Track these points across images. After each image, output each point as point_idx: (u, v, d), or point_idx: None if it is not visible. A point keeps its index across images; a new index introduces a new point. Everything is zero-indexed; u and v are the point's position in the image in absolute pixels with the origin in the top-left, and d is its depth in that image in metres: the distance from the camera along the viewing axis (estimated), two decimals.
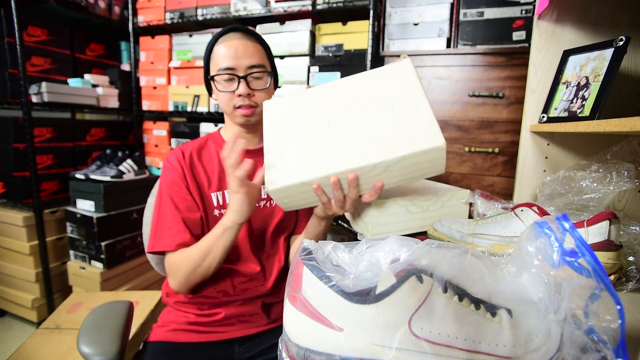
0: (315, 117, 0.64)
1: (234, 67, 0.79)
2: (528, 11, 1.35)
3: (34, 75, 1.76)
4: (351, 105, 0.63)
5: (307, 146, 0.61)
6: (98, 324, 0.73)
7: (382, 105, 0.60)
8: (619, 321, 0.32)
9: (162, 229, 0.79)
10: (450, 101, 1.43)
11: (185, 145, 0.87)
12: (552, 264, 0.36)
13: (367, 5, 1.49)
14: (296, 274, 0.39)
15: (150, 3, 1.99)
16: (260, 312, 0.86)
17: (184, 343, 0.80)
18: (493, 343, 0.35)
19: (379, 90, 0.63)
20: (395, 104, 0.59)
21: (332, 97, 0.66)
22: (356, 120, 0.61)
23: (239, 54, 0.79)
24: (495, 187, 1.42)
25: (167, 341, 0.80)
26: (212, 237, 0.73)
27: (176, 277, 0.77)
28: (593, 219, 0.60)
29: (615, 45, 0.75)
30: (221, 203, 0.84)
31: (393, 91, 0.61)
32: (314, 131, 0.62)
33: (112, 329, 0.71)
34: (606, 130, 0.59)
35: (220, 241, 0.72)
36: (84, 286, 1.81)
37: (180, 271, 0.76)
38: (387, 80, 0.63)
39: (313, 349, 0.36)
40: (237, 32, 0.82)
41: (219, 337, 0.82)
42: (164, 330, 0.82)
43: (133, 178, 1.88)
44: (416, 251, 0.37)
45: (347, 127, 0.61)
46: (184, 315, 0.83)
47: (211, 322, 0.82)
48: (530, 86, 0.99)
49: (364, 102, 0.62)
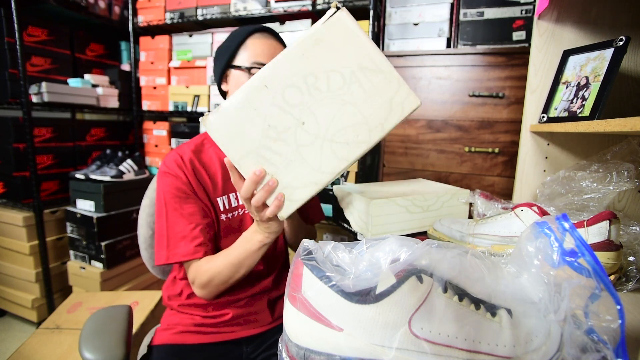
0: (281, 119, 0.54)
1: (265, 63, 0.79)
2: (528, 11, 1.35)
3: (34, 75, 1.76)
4: (312, 91, 0.54)
5: (294, 156, 0.54)
6: (99, 330, 0.71)
7: (345, 78, 0.54)
8: (619, 321, 0.32)
9: (175, 239, 0.75)
10: (450, 101, 1.43)
11: (181, 149, 0.82)
12: (552, 264, 0.36)
13: (367, 5, 1.49)
14: (296, 274, 0.39)
15: (150, 3, 1.99)
16: (266, 309, 0.86)
17: (192, 345, 0.79)
18: (493, 343, 0.35)
19: (330, 62, 0.54)
20: (357, 74, 0.53)
21: (284, 87, 0.54)
22: (328, 107, 0.54)
23: (273, 55, 0.80)
24: (495, 187, 1.42)
25: (174, 344, 0.79)
26: (244, 251, 0.71)
27: (207, 288, 0.75)
28: (593, 219, 0.60)
29: (615, 45, 0.75)
30: (227, 207, 0.82)
31: (346, 58, 0.53)
32: (289, 135, 0.55)
33: (114, 334, 0.70)
34: (606, 130, 0.59)
35: (256, 256, 0.71)
36: (84, 286, 1.81)
37: (213, 283, 0.74)
38: (333, 46, 0.54)
39: (313, 349, 0.36)
40: (270, 34, 0.83)
41: (226, 338, 0.81)
42: (170, 333, 0.80)
43: (133, 178, 1.88)
44: (416, 251, 0.37)
45: (324, 119, 0.54)
46: (190, 318, 0.82)
47: (219, 323, 0.82)
48: (530, 86, 0.99)
49: (323, 81, 0.54)
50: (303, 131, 0.54)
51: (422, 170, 1.51)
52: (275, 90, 0.54)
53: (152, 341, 0.81)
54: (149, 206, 0.93)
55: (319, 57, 0.53)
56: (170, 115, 2.17)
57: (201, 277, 0.74)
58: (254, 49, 0.79)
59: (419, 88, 1.47)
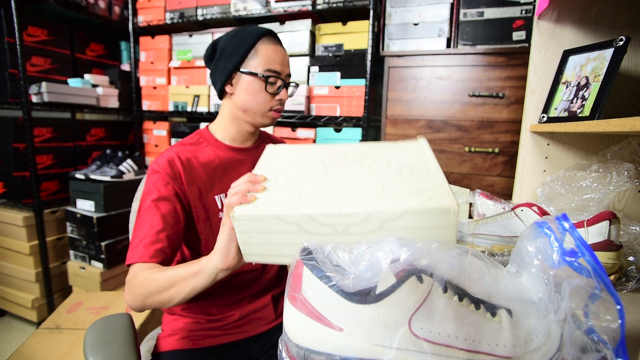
0: (315, 164, 0.59)
1: (280, 72, 0.81)
2: (528, 11, 1.35)
3: (34, 75, 1.76)
4: (355, 161, 0.58)
5: (297, 186, 0.54)
6: (105, 340, 0.68)
7: (390, 164, 0.55)
8: (619, 321, 0.32)
9: (138, 239, 0.70)
10: (450, 101, 1.43)
11: (177, 148, 0.79)
12: (551, 264, 0.36)
13: (367, 5, 1.49)
14: (296, 274, 0.39)
15: (150, 3, 1.99)
16: (270, 305, 0.87)
17: (200, 348, 0.77)
18: (493, 343, 0.35)
19: (389, 154, 0.59)
20: (404, 167, 0.54)
21: (337, 152, 0.62)
22: (357, 172, 0.55)
23: (285, 61, 0.83)
24: (495, 187, 1.42)
25: (182, 349, 0.77)
26: (184, 271, 0.62)
27: (132, 294, 0.66)
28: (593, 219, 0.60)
29: (615, 45, 0.75)
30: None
31: (404, 157, 0.57)
32: (308, 174, 0.56)
33: (122, 343, 0.68)
34: (606, 130, 0.59)
35: (190, 282, 0.60)
36: (84, 286, 1.81)
37: (138, 290, 0.65)
38: (400, 150, 0.60)
39: (313, 349, 0.36)
40: (277, 39, 0.84)
41: (235, 338, 0.81)
42: (176, 339, 0.78)
43: (133, 178, 1.88)
44: (416, 251, 0.37)
45: (346, 177, 0.54)
46: (195, 321, 0.80)
47: (225, 325, 0.81)
48: (530, 86, 0.99)
49: (371, 160, 0.58)
50: (321, 176, 0.55)
51: None
52: (329, 152, 0.62)
53: (157, 348, 0.79)
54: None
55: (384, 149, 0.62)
56: (170, 115, 2.17)
57: (132, 280, 0.67)
58: (267, 55, 0.79)
59: (419, 88, 1.47)
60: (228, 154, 0.85)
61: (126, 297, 0.68)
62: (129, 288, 0.67)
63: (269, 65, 0.79)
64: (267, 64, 0.79)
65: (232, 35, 0.82)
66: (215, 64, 0.83)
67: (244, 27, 0.83)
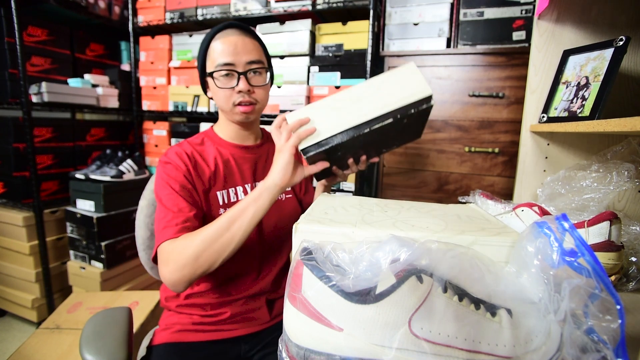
0: (372, 205, 0.64)
1: (233, 62, 0.78)
2: (528, 11, 1.35)
3: (34, 75, 1.76)
4: (412, 209, 0.62)
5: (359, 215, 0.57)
6: (100, 332, 0.71)
7: (447, 214, 0.60)
8: (619, 321, 0.32)
9: (166, 220, 0.71)
10: (450, 101, 1.43)
11: (182, 145, 0.83)
12: (551, 264, 0.36)
13: (367, 5, 1.49)
14: (296, 274, 0.39)
15: (150, 3, 1.99)
16: (264, 307, 0.86)
17: (191, 343, 0.79)
18: (493, 343, 0.35)
19: (444, 208, 0.64)
20: (462, 216, 0.59)
21: (392, 202, 0.67)
22: (417, 214, 0.60)
23: (238, 50, 0.78)
24: (495, 187, 1.42)
25: (173, 342, 0.79)
26: (241, 205, 0.65)
27: (177, 264, 0.65)
28: (593, 220, 0.60)
29: (615, 45, 0.75)
30: (226, 201, 0.83)
31: (459, 210, 0.63)
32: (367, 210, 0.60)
33: (116, 337, 0.70)
34: (606, 130, 0.59)
35: (251, 209, 0.64)
36: (84, 286, 1.81)
37: (187, 253, 0.64)
38: (453, 207, 0.66)
39: (313, 349, 0.36)
40: (234, 29, 0.81)
41: (225, 335, 0.82)
42: (169, 333, 0.80)
43: (133, 178, 1.88)
44: (416, 251, 0.37)
45: (407, 216, 0.58)
46: (188, 317, 0.82)
47: (217, 322, 0.82)
48: (530, 86, 0.99)
49: (428, 209, 0.63)
50: (381, 213, 0.58)
51: (422, 170, 1.51)
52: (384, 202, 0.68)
53: (152, 342, 0.81)
54: (146, 207, 0.93)
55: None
56: (170, 115, 2.17)
57: (171, 252, 0.67)
58: (215, 51, 0.79)
59: None
60: (231, 151, 0.87)
61: (169, 274, 0.66)
62: (172, 261, 0.66)
63: (217, 60, 0.78)
64: (217, 60, 0.78)
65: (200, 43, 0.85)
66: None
67: (207, 33, 0.84)
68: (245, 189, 0.86)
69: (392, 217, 0.54)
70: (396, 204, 0.64)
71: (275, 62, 1.72)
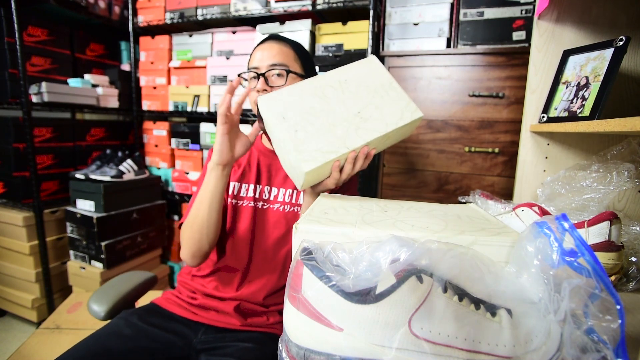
0: (372, 205, 0.64)
1: (257, 66, 0.84)
2: (528, 11, 1.35)
3: (34, 75, 1.76)
4: (412, 209, 0.62)
5: (359, 216, 0.58)
6: (113, 285, 0.94)
7: (447, 214, 0.60)
8: (619, 321, 0.32)
9: (190, 205, 0.86)
10: (450, 101, 1.43)
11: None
12: (551, 264, 0.36)
13: (367, 5, 1.49)
14: (296, 274, 0.39)
15: (150, 3, 1.99)
16: (234, 313, 0.84)
17: (164, 309, 0.87)
18: (493, 343, 0.35)
19: (444, 208, 0.65)
20: (462, 216, 0.59)
21: (392, 202, 0.67)
22: (417, 214, 0.59)
23: (264, 56, 0.84)
24: (495, 187, 1.41)
25: (157, 304, 0.89)
26: (199, 191, 0.79)
27: (186, 240, 0.81)
28: (593, 220, 0.60)
29: (615, 45, 0.75)
30: (235, 193, 0.89)
31: (460, 210, 0.63)
32: (367, 211, 0.61)
33: (122, 294, 0.91)
34: (606, 130, 0.59)
35: (206, 187, 0.77)
36: (84, 286, 1.81)
37: (186, 234, 0.80)
38: (453, 206, 0.66)
39: (313, 349, 0.36)
40: (272, 40, 0.88)
41: (190, 316, 0.85)
42: (161, 297, 0.91)
43: (133, 178, 1.88)
44: (416, 251, 0.37)
45: (407, 216, 0.58)
46: (179, 292, 0.92)
47: (193, 304, 0.87)
48: (530, 86, 0.99)
49: (428, 209, 0.63)
50: (382, 213, 0.59)
51: (422, 170, 1.51)
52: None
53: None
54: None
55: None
56: (170, 115, 2.17)
57: (182, 234, 0.83)
58: (250, 60, 0.88)
59: (419, 88, 1.47)
60: (260, 150, 0.94)
61: (183, 251, 0.82)
62: (183, 240, 0.82)
63: (249, 64, 0.88)
64: (249, 64, 0.88)
65: None
66: None
67: None
68: (255, 188, 0.90)
69: (392, 217, 0.54)
70: (396, 204, 0.64)
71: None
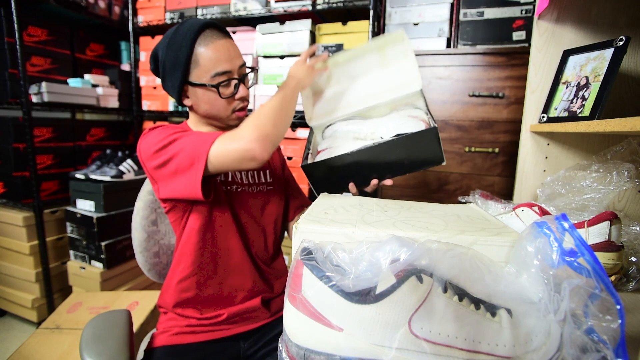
0: (372, 205, 0.63)
1: (230, 70, 0.75)
2: (528, 11, 1.35)
3: (34, 75, 1.76)
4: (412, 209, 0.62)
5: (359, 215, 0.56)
6: (101, 336, 0.70)
7: (447, 213, 0.60)
8: (619, 321, 0.32)
9: (200, 140, 0.67)
10: (450, 101, 1.43)
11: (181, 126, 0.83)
12: (551, 264, 0.36)
13: (367, 5, 1.49)
14: (296, 274, 0.39)
15: (150, 3, 1.99)
16: (261, 307, 0.86)
17: (189, 344, 0.79)
18: (493, 343, 0.35)
19: (444, 208, 0.64)
20: (462, 216, 0.58)
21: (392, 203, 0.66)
22: (417, 214, 0.58)
23: (232, 54, 0.75)
24: (495, 187, 1.41)
25: (171, 344, 0.78)
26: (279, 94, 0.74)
27: (250, 125, 0.66)
28: (593, 220, 0.60)
29: (615, 45, 0.75)
30: (223, 179, 0.82)
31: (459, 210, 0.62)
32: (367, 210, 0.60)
33: (117, 339, 0.70)
34: (606, 130, 0.59)
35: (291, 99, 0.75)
36: (84, 286, 1.81)
37: (260, 114, 0.68)
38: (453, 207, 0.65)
39: (313, 349, 0.36)
40: (214, 30, 0.75)
41: (223, 335, 0.81)
42: (167, 336, 0.79)
43: (133, 178, 1.88)
44: (416, 251, 0.37)
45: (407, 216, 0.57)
46: (186, 320, 0.82)
47: (214, 323, 0.82)
48: (530, 86, 0.99)
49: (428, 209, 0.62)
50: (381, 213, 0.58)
51: (421, 170, 1.51)
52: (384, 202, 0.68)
53: (150, 345, 0.80)
54: (142, 209, 0.93)
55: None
56: (170, 115, 2.17)
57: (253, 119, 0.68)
58: (209, 59, 0.73)
59: None
60: None
61: (249, 134, 0.65)
62: (245, 126, 0.67)
63: (214, 68, 0.73)
64: (213, 68, 0.73)
65: (165, 44, 0.74)
66: (162, 79, 0.79)
67: (175, 31, 0.74)
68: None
69: (392, 217, 0.54)
70: (396, 204, 0.64)
71: (275, 62, 1.72)
